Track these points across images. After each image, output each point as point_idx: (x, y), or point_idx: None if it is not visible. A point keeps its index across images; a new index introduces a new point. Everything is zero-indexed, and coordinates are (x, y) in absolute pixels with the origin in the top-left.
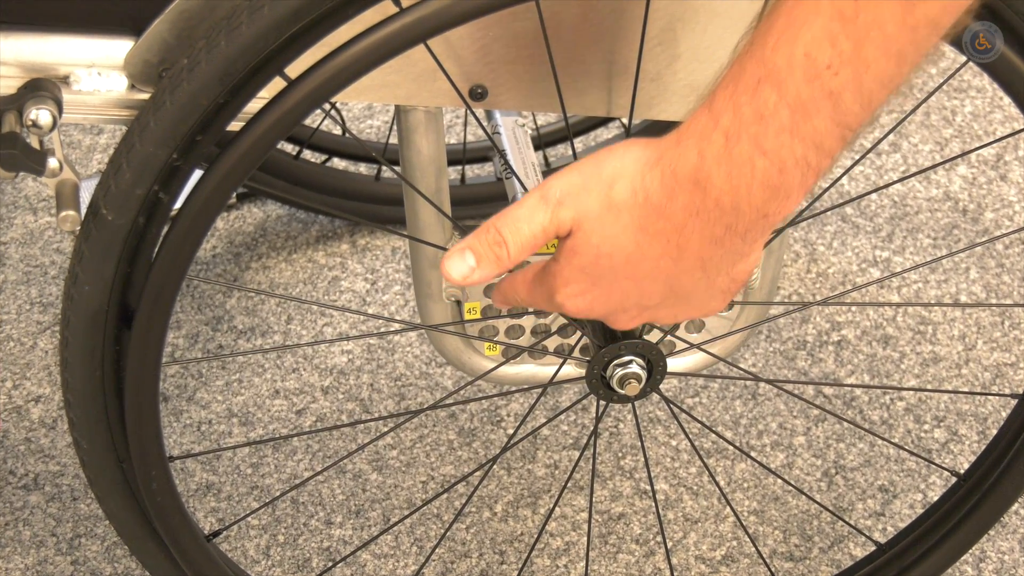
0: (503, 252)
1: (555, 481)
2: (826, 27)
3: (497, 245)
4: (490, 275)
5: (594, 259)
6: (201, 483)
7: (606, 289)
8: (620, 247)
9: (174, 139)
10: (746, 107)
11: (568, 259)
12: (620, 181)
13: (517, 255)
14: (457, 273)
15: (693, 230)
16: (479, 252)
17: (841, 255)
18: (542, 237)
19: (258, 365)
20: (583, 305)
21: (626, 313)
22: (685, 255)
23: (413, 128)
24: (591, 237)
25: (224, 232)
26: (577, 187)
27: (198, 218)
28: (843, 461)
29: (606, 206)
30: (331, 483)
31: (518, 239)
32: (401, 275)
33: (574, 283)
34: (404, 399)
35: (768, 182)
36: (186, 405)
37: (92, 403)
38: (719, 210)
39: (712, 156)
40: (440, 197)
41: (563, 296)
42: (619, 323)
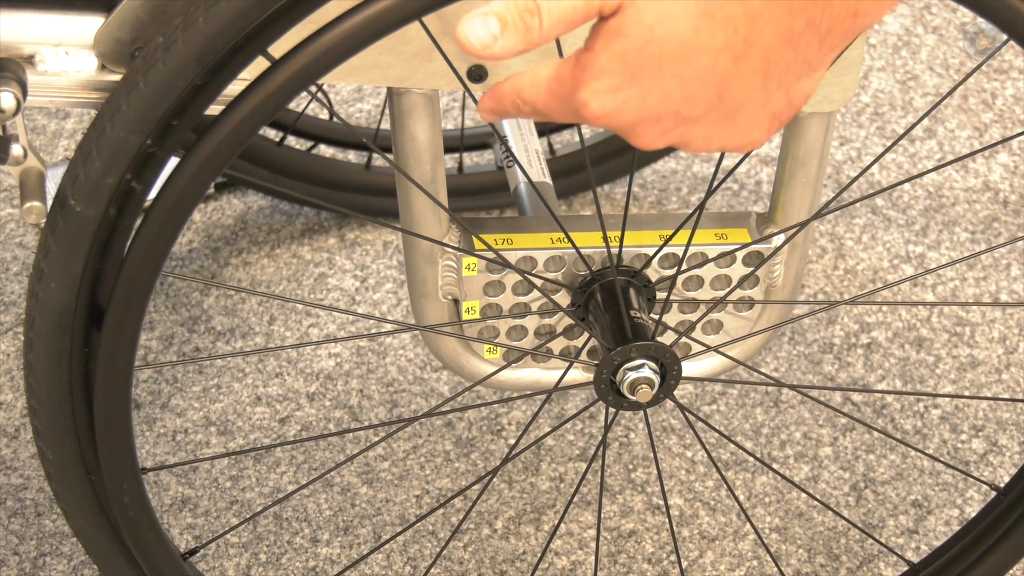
0: (534, 21)
1: (560, 495)
2: None
3: (529, 13)
4: (513, 48)
5: (642, 44)
6: (176, 497)
7: (644, 87)
8: (676, 32)
9: (148, 124)
10: None
11: (608, 43)
12: None
13: (551, 28)
14: (476, 39)
15: (768, 20)
16: (506, 18)
17: (871, 250)
18: (583, 10)
19: (238, 369)
20: (611, 105)
21: (658, 124)
22: (750, 53)
23: (407, 112)
24: (644, 15)
25: (201, 225)
26: None
27: (174, 210)
28: (873, 474)
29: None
30: (317, 497)
31: (555, 8)
32: (393, 272)
33: (608, 75)
34: (396, 406)
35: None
36: (160, 413)
37: (59, 410)
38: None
39: None
40: (436, 187)
41: (589, 92)
42: (645, 137)
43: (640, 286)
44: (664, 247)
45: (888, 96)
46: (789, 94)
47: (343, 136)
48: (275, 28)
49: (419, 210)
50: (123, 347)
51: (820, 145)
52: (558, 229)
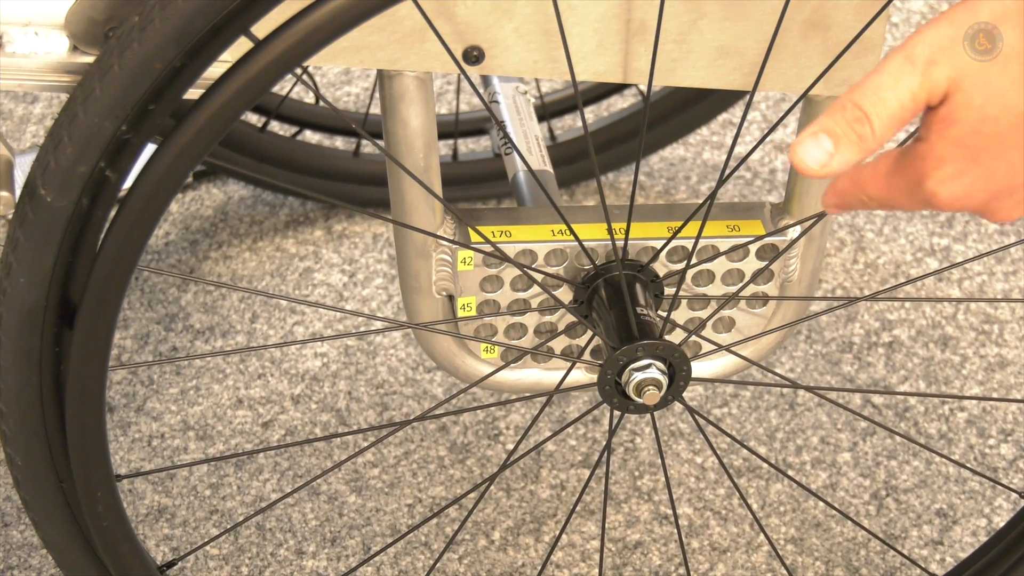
0: (865, 130)
1: (562, 504)
2: None
3: (858, 122)
4: (851, 160)
5: (976, 126)
6: (153, 506)
7: (989, 165)
8: (1008, 106)
9: (123, 109)
10: None
11: (942, 131)
12: (1004, 24)
13: (883, 132)
14: (814, 161)
15: None
16: (836, 132)
17: (893, 243)
18: (911, 107)
19: (218, 370)
20: (960, 190)
21: (1011, 196)
22: None
23: (398, 96)
24: (973, 98)
25: (179, 216)
26: (949, 40)
27: (151, 200)
28: (895, 481)
29: None
30: (302, 506)
31: (883, 111)
32: (384, 266)
33: (950, 162)
34: (387, 409)
35: None
36: (135, 416)
37: (28, 413)
38: None
39: None
40: (429, 176)
41: (935, 181)
42: (1002, 212)
43: (647, 281)
44: (672, 240)
45: None
46: None
47: (330, 121)
48: (258, 7)
49: (411, 200)
50: (96, 346)
51: None
52: (559, 220)
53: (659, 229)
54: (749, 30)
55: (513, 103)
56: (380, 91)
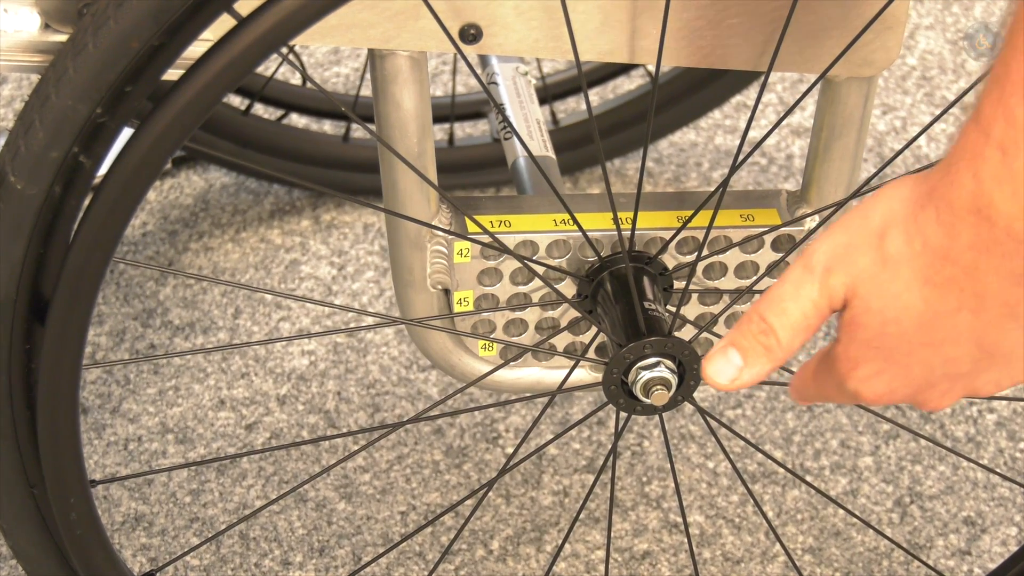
0: (771, 341)
1: (565, 512)
2: None
3: (764, 334)
4: (762, 372)
5: (880, 329)
6: (129, 514)
7: (903, 363)
8: (907, 308)
9: (98, 90)
10: (1018, 109)
11: (851, 335)
12: (892, 230)
13: (789, 342)
14: (724, 377)
15: (987, 271)
16: (744, 346)
17: None
18: (814, 315)
19: (199, 369)
20: (882, 388)
21: (935, 388)
22: (986, 304)
23: (390, 77)
24: (871, 303)
25: (157, 205)
26: (843, 247)
27: (127, 188)
28: (920, 487)
29: (880, 262)
30: (289, 514)
31: (787, 322)
32: (375, 258)
33: (865, 363)
34: (379, 411)
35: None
36: (110, 418)
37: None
38: (1012, 240)
39: (990, 176)
40: (424, 162)
41: (855, 381)
42: (932, 403)
43: (655, 274)
44: (682, 230)
45: (937, 58)
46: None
47: (318, 104)
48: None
49: (405, 188)
50: (69, 343)
51: (859, 114)
52: (562, 209)
53: (668, 219)
54: (764, 7)
55: (513, 85)
56: (371, 72)
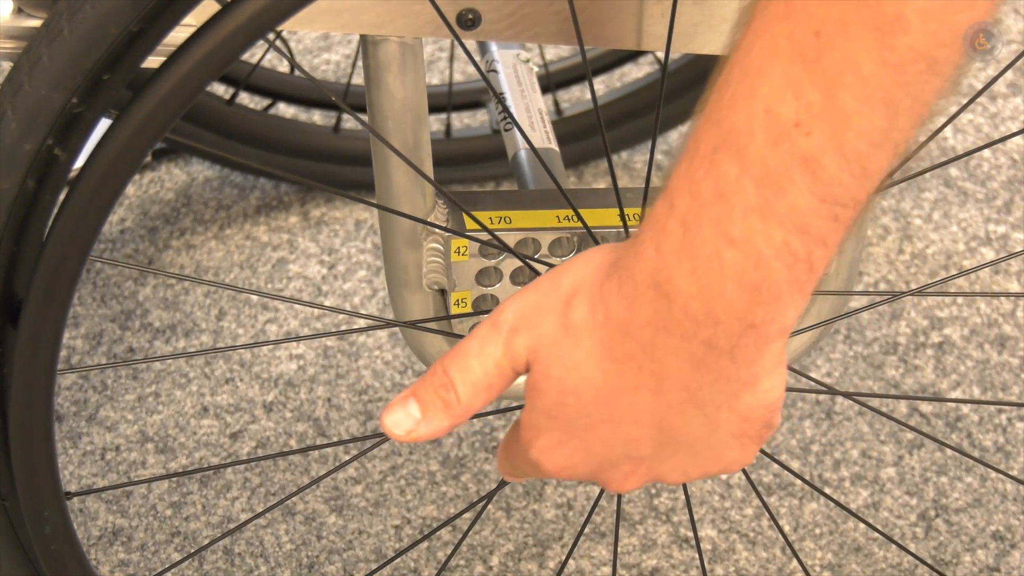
0: (451, 396)
1: (568, 526)
2: (786, 72)
3: (444, 388)
4: (440, 427)
5: (559, 398)
6: (107, 528)
7: (583, 438)
8: (586, 379)
9: (74, 79)
10: (703, 183)
11: (532, 401)
12: (578, 297)
13: (469, 400)
14: (401, 429)
15: (666, 350)
16: (424, 399)
17: (943, 230)
18: (497, 375)
19: (180, 374)
20: (562, 460)
21: (617, 469)
22: (666, 385)
23: (384, 65)
24: (550, 369)
25: (136, 200)
26: (531, 308)
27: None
28: (945, 500)
29: (563, 329)
30: (276, 528)
31: (468, 378)
32: (367, 257)
33: (545, 432)
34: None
35: (744, 280)
36: (87, 426)
37: None
38: (690, 321)
39: (671, 251)
40: (419, 155)
41: (536, 451)
42: (614, 484)
43: None
44: None
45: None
46: (739, 412)
47: (307, 93)
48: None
49: (399, 182)
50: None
51: None
52: (566, 205)
53: None
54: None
55: (514, 73)
56: (363, 59)
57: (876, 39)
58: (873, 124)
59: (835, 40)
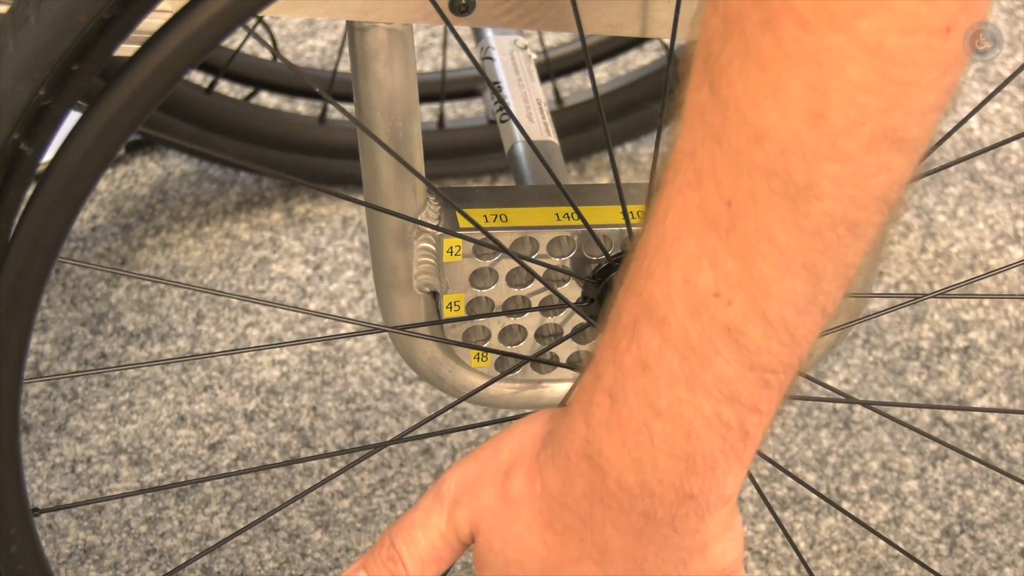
0: (399, 570)
1: None
2: (701, 242)
3: (391, 561)
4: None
5: (503, 569)
6: (77, 545)
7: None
8: (528, 550)
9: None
10: (627, 355)
11: (480, 571)
12: (516, 467)
13: (417, 571)
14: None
15: (604, 522)
16: (373, 572)
17: (969, 227)
18: (443, 546)
19: (156, 381)
20: None
21: None
22: (609, 557)
23: (372, 53)
24: (492, 542)
25: (108, 196)
26: (472, 479)
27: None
28: (971, 515)
29: (502, 500)
30: (258, 545)
31: (414, 550)
32: (355, 256)
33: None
34: (359, 428)
35: (675, 451)
36: (56, 437)
37: None
38: (625, 493)
39: (599, 423)
40: (409, 148)
41: None
42: None
43: None
44: None
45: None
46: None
47: (290, 82)
48: None
49: (388, 177)
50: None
51: None
52: (565, 202)
53: None
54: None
55: (510, 60)
56: (350, 46)
57: (789, 208)
58: (796, 290)
59: (747, 210)
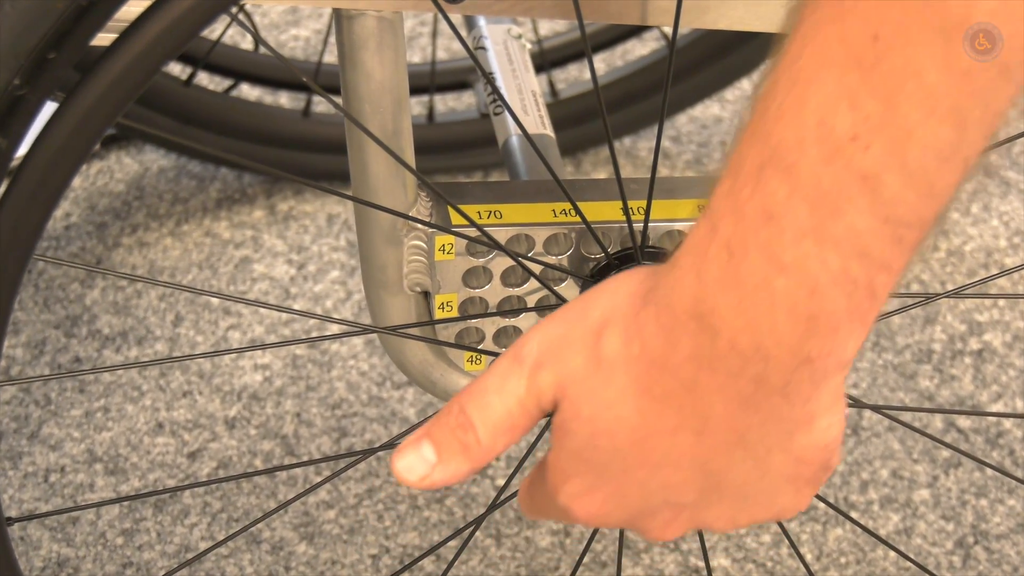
0: (470, 438)
1: (566, 554)
2: (840, 81)
3: (462, 429)
4: (458, 472)
5: (590, 440)
6: (51, 558)
7: (616, 482)
8: (620, 419)
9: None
10: (749, 204)
11: (560, 442)
12: (610, 327)
13: (491, 441)
14: (414, 475)
15: (710, 389)
16: (439, 441)
17: (983, 224)
18: (520, 414)
19: (132, 387)
20: (594, 508)
21: (655, 517)
22: (710, 426)
23: (360, 42)
24: (580, 408)
25: (83, 193)
26: (557, 340)
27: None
28: (985, 525)
29: (594, 364)
30: (239, 558)
31: (488, 418)
32: (341, 256)
33: (575, 476)
34: (346, 436)
35: (797, 310)
36: (28, 445)
37: None
38: (737, 357)
39: (714, 279)
40: (399, 141)
41: (565, 496)
42: (653, 532)
43: None
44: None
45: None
46: (793, 453)
47: (272, 73)
48: None
49: (376, 172)
50: None
51: None
52: (563, 198)
53: (687, 208)
54: None
55: (504, 50)
56: (337, 35)
57: (941, 44)
58: (940, 136)
59: (895, 44)
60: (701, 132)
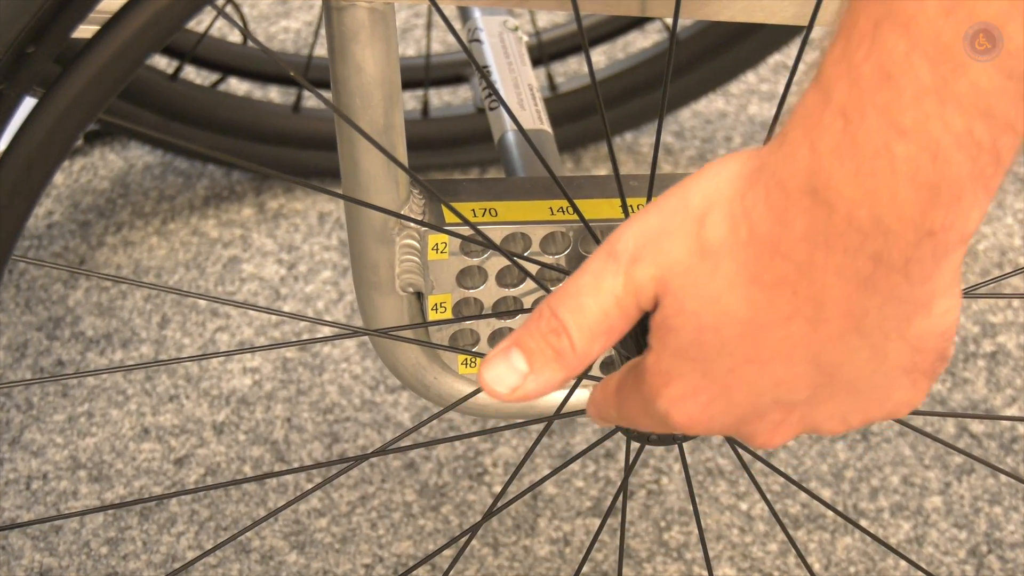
0: (563, 343)
1: (565, 564)
2: None
3: (554, 334)
4: (552, 380)
5: (695, 336)
6: (33, 567)
7: (723, 383)
8: (728, 312)
9: None
10: (865, 65)
11: (662, 341)
12: (713, 212)
13: (586, 346)
14: (504, 385)
15: (826, 270)
16: (530, 348)
17: (997, 222)
18: (617, 314)
19: (117, 391)
20: (697, 411)
21: (764, 419)
22: (825, 312)
23: (350, 34)
24: (684, 302)
25: (66, 190)
26: (655, 231)
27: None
28: (999, 533)
29: (698, 252)
30: (228, 568)
31: (583, 321)
32: (333, 255)
33: (678, 378)
34: (338, 441)
35: (919, 177)
36: (9, 451)
37: None
38: (855, 232)
39: (829, 150)
40: (391, 137)
41: (666, 400)
42: (760, 437)
43: None
44: None
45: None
46: (911, 341)
47: (261, 67)
48: None
49: (368, 169)
50: None
51: None
52: (560, 195)
53: None
54: None
55: (500, 43)
56: (327, 27)
57: None
58: None
59: None
60: (705, 127)
